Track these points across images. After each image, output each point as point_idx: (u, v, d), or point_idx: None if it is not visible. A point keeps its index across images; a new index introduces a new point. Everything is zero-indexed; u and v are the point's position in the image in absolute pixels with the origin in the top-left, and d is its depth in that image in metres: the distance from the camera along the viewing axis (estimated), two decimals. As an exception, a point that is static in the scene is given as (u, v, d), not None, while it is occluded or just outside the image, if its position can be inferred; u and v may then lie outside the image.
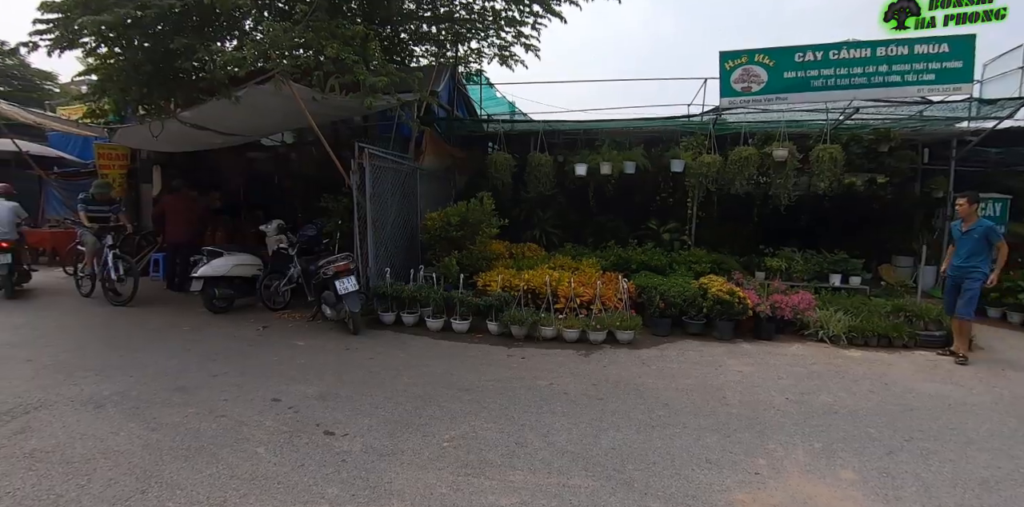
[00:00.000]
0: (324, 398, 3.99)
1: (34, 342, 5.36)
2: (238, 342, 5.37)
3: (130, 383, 4.21)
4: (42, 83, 20.42)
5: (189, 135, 7.02)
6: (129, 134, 7.48)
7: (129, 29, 6.23)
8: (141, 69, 6.67)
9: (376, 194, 6.48)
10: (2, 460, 3.04)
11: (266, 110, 6.60)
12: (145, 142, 7.77)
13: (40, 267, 9.91)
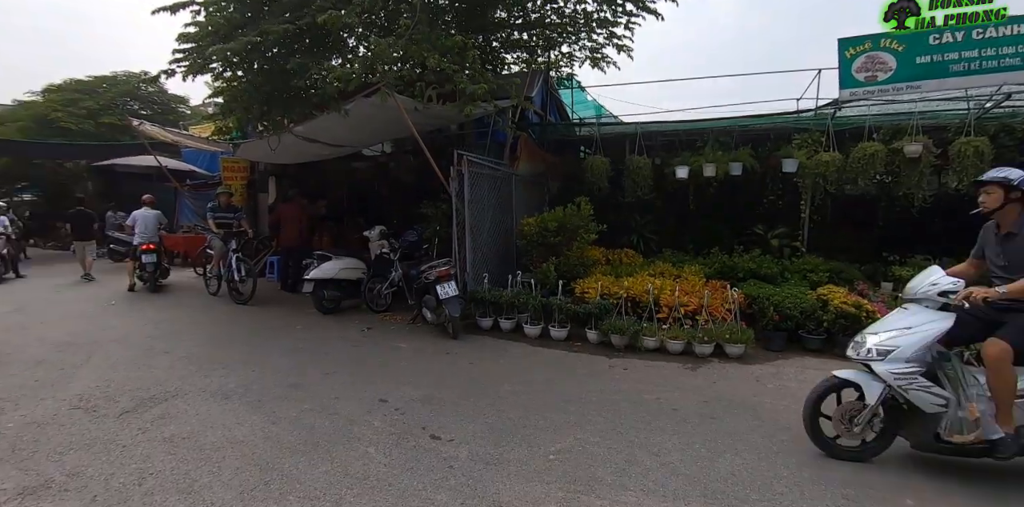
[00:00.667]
0: (428, 402, 4.02)
1: (171, 335, 5.95)
2: (345, 342, 5.63)
3: (252, 377, 4.52)
4: (176, 106, 22.97)
5: (302, 148, 7.51)
6: (250, 148, 8.17)
7: (250, 54, 6.81)
8: (261, 89, 7.27)
9: (473, 200, 6.56)
10: (146, 443, 3.34)
11: (371, 122, 6.91)
12: (264, 155, 8.45)
13: (174, 268, 11.18)
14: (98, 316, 7.00)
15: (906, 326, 3.04)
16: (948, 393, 2.89)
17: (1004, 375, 2.78)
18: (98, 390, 4.23)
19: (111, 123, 19.11)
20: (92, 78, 20.64)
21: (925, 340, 2.93)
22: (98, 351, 5.35)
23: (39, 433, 3.49)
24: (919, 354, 2.94)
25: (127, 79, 21.16)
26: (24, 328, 6.37)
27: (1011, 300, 2.85)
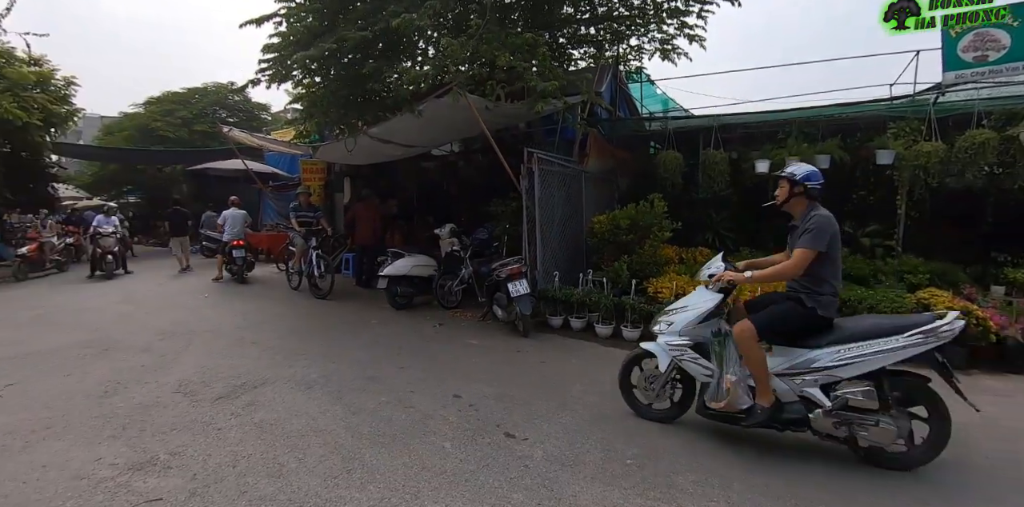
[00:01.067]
0: (501, 399, 4.02)
1: (258, 327, 6.32)
2: (418, 337, 5.75)
3: (332, 369, 4.70)
4: (259, 113, 24.52)
5: (376, 149, 7.76)
6: (328, 150, 8.55)
7: (327, 60, 7.10)
8: (338, 94, 7.58)
9: (543, 198, 6.51)
10: (238, 427, 3.53)
11: (442, 122, 7.02)
12: (340, 157, 8.81)
13: (258, 263, 11.98)
14: (194, 308, 7.57)
15: (684, 305, 3.49)
16: (713, 366, 3.29)
17: (750, 352, 3.11)
18: (196, 376, 4.55)
19: (203, 130, 20.72)
20: (186, 90, 22.43)
21: (693, 317, 3.37)
22: (195, 340, 5.77)
23: (144, 414, 3.79)
24: (690, 329, 3.38)
25: (216, 89, 22.83)
26: (131, 318, 6.99)
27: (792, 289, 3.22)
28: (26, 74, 12.58)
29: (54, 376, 4.69)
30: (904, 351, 2.85)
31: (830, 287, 3.10)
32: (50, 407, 3.95)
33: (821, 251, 3.00)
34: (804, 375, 3.06)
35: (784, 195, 3.26)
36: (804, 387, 3.07)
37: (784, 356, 3.15)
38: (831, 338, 3.04)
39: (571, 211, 7.34)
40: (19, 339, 5.99)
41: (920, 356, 2.85)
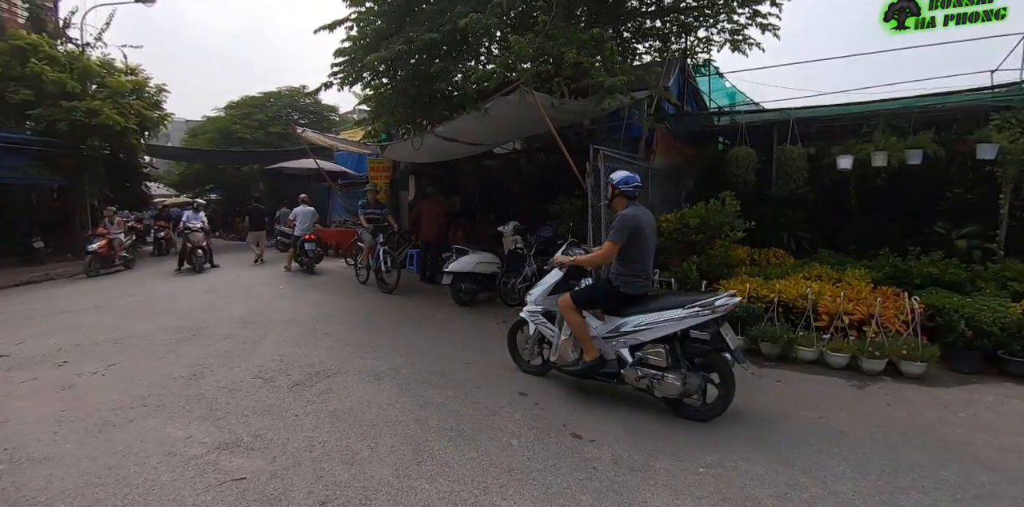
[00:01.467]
0: (567, 399, 3.98)
1: (329, 319, 6.59)
2: (482, 334, 5.80)
3: (400, 362, 4.82)
4: (328, 114, 25.66)
5: (441, 147, 7.89)
6: (395, 149, 8.79)
7: (395, 62, 7.28)
8: (406, 94, 7.76)
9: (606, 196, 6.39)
10: (314, 414, 3.68)
11: (506, 120, 7.04)
12: (407, 155, 9.04)
13: (327, 258, 12.57)
14: (270, 299, 8.00)
15: (542, 281, 4.47)
16: (555, 328, 4.13)
17: (569, 318, 3.90)
18: (273, 363, 4.79)
19: (277, 132, 21.95)
20: (262, 94, 23.80)
21: (541, 290, 4.39)
22: (272, 329, 6.09)
23: (229, 397, 4.03)
24: (542, 300, 4.34)
25: (289, 93, 24.09)
26: (214, 307, 7.47)
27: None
28: (124, 82, 13.70)
29: (149, 358, 5.08)
30: (685, 320, 3.55)
31: (633, 270, 3.77)
32: (146, 387, 4.28)
33: (622, 244, 3.70)
34: (617, 338, 3.81)
35: (609, 196, 4.07)
36: (618, 347, 3.81)
37: (608, 323, 3.90)
38: (638, 309, 3.75)
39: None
40: (118, 324, 6.54)
41: (701, 326, 3.53)
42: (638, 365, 3.67)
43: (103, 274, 10.92)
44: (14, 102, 12.26)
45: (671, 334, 3.59)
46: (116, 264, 11.67)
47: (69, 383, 4.47)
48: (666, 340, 3.61)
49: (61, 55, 13.07)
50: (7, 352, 5.48)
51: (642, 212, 3.86)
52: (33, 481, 2.91)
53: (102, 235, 11.35)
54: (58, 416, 3.77)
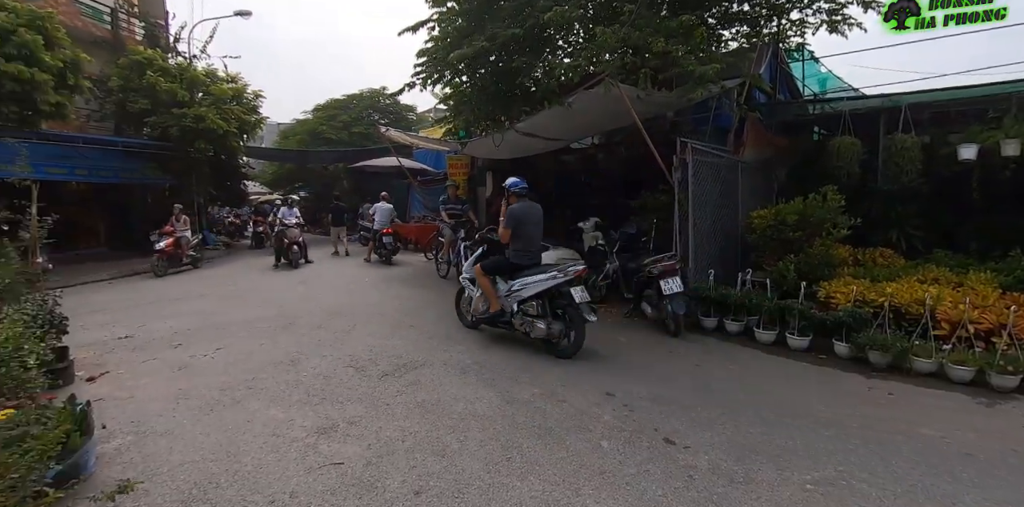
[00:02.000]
0: (656, 401, 3.82)
1: (414, 312, 6.76)
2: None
3: (485, 356, 4.85)
4: (406, 114, 26.52)
5: (521, 143, 7.87)
6: (475, 146, 8.87)
7: (476, 60, 7.32)
8: (487, 91, 7.80)
9: (696, 191, 6.11)
10: (404, 405, 3.77)
11: (590, 114, 6.89)
12: (487, 151, 9.09)
13: (407, 252, 13.01)
14: (357, 291, 8.36)
15: (473, 256, 5.71)
16: (475, 289, 5.41)
17: (480, 280, 5.24)
18: (363, 353, 4.97)
19: (360, 132, 23.03)
20: (345, 97, 25.03)
21: (469, 262, 5.67)
22: (360, 320, 6.34)
23: (325, 384, 4.22)
24: (468, 269, 5.56)
25: (370, 95, 25.18)
26: (306, 298, 7.90)
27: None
28: (225, 90, 14.84)
29: (250, 343, 5.44)
30: (547, 282, 4.81)
31: (520, 246, 5.09)
32: (249, 370, 4.57)
33: (511, 229, 5.06)
34: (510, 295, 5.02)
35: (506, 196, 5.41)
36: (511, 302, 5.00)
37: (506, 284, 5.10)
38: (522, 275, 5.01)
39: (725, 205, 6.81)
40: (221, 312, 7.07)
41: (557, 287, 4.81)
42: (520, 314, 4.96)
43: (171, 273, 10.69)
44: (134, 111, 13.64)
45: (543, 292, 4.86)
46: (184, 263, 11.40)
47: (183, 364, 4.87)
48: (540, 296, 4.89)
49: (172, 67, 14.34)
50: (132, 334, 6.07)
51: (528, 206, 5.24)
52: (157, 453, 3.17)
53: (169, 233, 11.04)
54: (175, 394, 4.11)
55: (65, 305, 4.84)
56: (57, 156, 12.38)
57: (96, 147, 13.20)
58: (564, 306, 4.78)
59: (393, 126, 20.65)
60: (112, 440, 3.36)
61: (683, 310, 5.33)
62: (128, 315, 7.07)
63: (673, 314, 5.33)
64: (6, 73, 8.70)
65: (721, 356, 4.92)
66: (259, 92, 16.33)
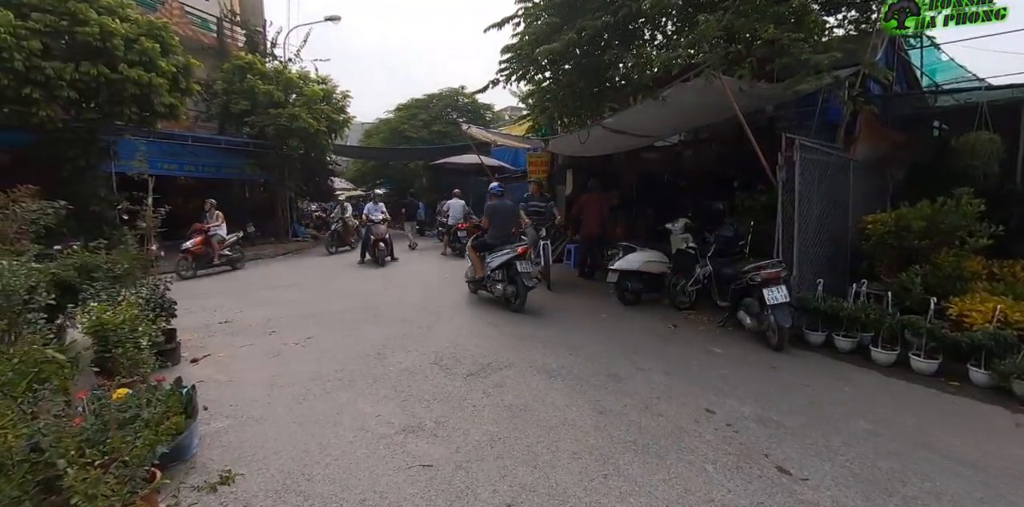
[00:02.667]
0: (763, 423, 3.46)
1: (495, 310, 6.66)
2: (653, 337, 5.41)
3: (570, 360, 4.65)
4: (484, 113, 26.76)
5: (608, 140, 7.58)
6: (559, 143, 8.65)
7: (563, 54, 7.09)
8: (574, 87, 7.56)
9: (802, 191, 5.59)
10: (491, 407, 3.65)
11: (684, 109, 6.49)
12: (571, 149, 8.86)
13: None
14: (439, 286, 8.45)
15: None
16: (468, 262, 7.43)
17: (471, 254, 7.11)
18: (447, 350, 4.93)
19: (439, 130, 23.55)
20: (426, 96, 25.65)
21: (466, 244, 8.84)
22: (442, 315, 6.36)
23: (411, 380, 4.20)
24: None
25: (449, 94, 25.66)
26: (389, 291, 8.08)
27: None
28: (316, 91, 15.60)
29: (339, 335, 5.57)
30: (505, 256, 6.44)
31: (493, 231, 6.90)
32: (338, 361, 4.66)
33: (488, 218, 6.98)
34: (488, 265, 6.63)
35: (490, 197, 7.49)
36: (488, 270, 6.64)
37: (487, 259, 6.71)
38: (493, 252, 6.62)
39: (832, 207, 6.19)
40: (312, 301, 7.35)
41: (511, 260, 6.42)
42: (490, 279, 6.67)
43: (201, 275, 9.81)
44: (235, 111, 14.70)
45: (503, 263, 6.48)
46: (216, 263, 10.21)
47: (277, 351, 5.06)
48: (501, 267, 6.53)
49: (269, 71, 15.27)
50: (230, 319, 6.43)
51: (501, 203, 7.22)
52: (252, 439, 3.26)
53: (200, 231, 10.10)
54: (270, 380, 4.24)
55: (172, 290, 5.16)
56: (170, 153, 13.54)
57: (202, 145, 14.33)
58: (514, 275, 6.37)
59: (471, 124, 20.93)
60: (213, 422, 3.50)
61: (789, 323, 4.85)
62: (226, 301, 7.51)
63: (777, 326, 4.86)
64: (128, 78, 9.54)
65: (832, 376, 4.42)
66: (347, 93, 17.05)
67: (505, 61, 8.16)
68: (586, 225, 8.62)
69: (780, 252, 5.58)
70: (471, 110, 26.08)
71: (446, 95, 25.68)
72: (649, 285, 6.73)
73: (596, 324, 5.97)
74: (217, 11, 16.56)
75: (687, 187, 10.29)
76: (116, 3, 9.95)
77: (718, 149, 9.50)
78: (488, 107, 27.35)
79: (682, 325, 5.89)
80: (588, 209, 8.57)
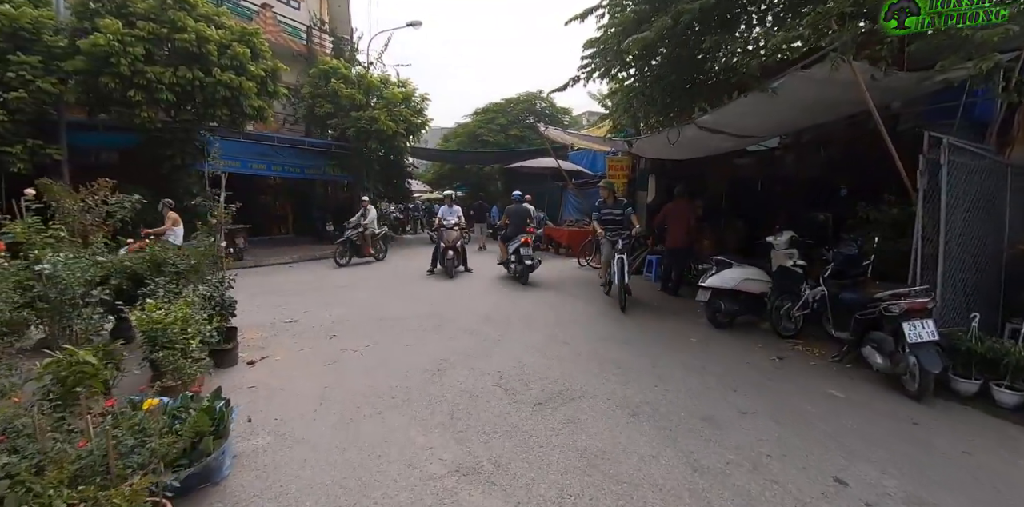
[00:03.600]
0: (917, 505, 2.62)
1: (567, 325, 6.07)
2: (754, 371, 4.54)
3: (656, 394, 3.95)
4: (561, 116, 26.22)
5: (701, 141, 6.79)
6: (646, 144, 7.90)
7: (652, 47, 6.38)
8: (664, 81, 6.82)
9: (949, 202, 4.58)
10: (561, 449, 3.07)
11: (794, 104, 5.58)
12: (658, 150, 8.10)
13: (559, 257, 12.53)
14: (508, 294, 7.99)
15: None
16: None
17: (500, 244, 9.98)
18: (513, 371, 4.40)
19: (516, 134, 23.33)
20: (504, 100, 25.56)
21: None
22: (511, 328, 5.86)
23: (471, 404, 3.71)
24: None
25: (527, 98, 25.44)
26: (458, 297, 7.71)
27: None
28: (396, 94, 15.77)
29: (400, 343, 5.22)
30: (514, 245, 9.00)
31: (511, 228, 9.28)
32: (395, 376, 4.27)
33: (507, 217, 9.57)
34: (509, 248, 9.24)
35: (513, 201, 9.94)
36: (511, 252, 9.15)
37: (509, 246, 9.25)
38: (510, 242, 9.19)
39: (982, 222, 5.06)
40: (379, 303, 7.12)
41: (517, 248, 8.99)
42: (512, 261, 9.00)
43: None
44: (319, 114, 15.15)
45: (514, 250, 8.89)
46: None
47: (335, 358, 4.76)
48: (513, 253, 8.92)
49: (352, 75, 15.62)
50: (296, 319, 6.29)
51: (516, 207, 9.49)
52: (289, 464, 2.90)
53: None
54: (321, 392, 3.92)
55: (249, 284, 5.00)
56: (259, 153, 14.13)
57: (288, 146, 14.87)
58: (521, 257, 8.72)
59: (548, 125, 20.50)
60: (254, 437, 3.21)
61: (937, 367, 3.80)
62: (297, 299, 7.46)
63: (919, 370, 3.82)
64: (220, 81, 9.91)
65: (997, 440, 3.38)
66: (425, 95, 17.12)
67: (587, 56, 7.58)
68: (671, 235, 7.79)
69: (918, 276, 4.57)
70: (549, 114, 25.75)
71: (524, 99, 25.49)
72: (745, 306, 5.81)
73: (685, 350, 5.15)
74: (307, 19, 17.24)
75: (785, 195, 9.19)
76: (212, 11, 10.43)
77: (829, 152, 8.36)
78: (566, 111, 26.90)
79: (788, 358, 4.96)
80: (674, 218, 7.73)
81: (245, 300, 7.34)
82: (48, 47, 9.30)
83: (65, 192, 4.52)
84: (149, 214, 7.56)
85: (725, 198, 10.65)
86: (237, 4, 14.37)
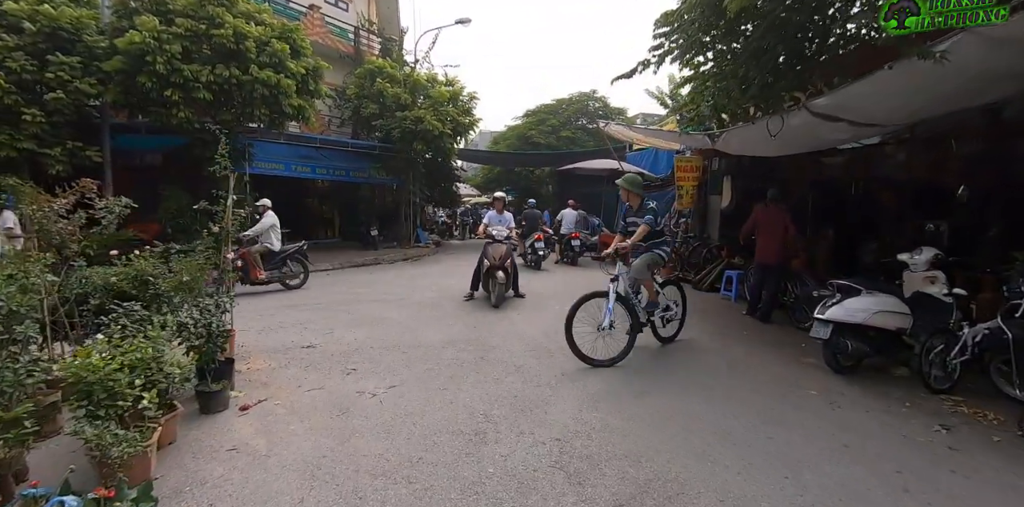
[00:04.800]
0: None
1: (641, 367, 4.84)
2: (917, 451, 3.16)
3: (792, 494, 2.68)
4: (615, 117, 24.90)
5: (810, 131, 5.45)
6: (734, 137, 6.54)
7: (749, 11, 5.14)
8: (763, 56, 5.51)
9: None
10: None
11: (959, 73, 4.14)
12: (752, 145, 6.73)
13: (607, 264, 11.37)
14: (560, 311, 6.43)
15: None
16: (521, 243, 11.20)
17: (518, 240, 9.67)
18: (579, 440, 3.24)
19: (568, 136, 22.29)
20: (555, 102, 24.61)
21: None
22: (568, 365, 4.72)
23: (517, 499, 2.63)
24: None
25: (579, 98, 24.39)
26: (506, 318, 6.62)
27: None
28: (443, 93, 15.04)
29: (429, 386, 4.19)
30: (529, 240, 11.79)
31: (527, 228, 12.10)
32: (418, 439, 3.24)
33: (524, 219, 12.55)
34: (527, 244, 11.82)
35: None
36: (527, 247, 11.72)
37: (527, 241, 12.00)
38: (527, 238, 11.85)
39: None
40: (410, 327, 6.14)
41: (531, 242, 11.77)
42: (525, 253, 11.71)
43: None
44: (365, 115, 14.59)
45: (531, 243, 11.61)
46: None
47: (346, 405, 3.80)
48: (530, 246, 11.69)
49: (399, 74, 14.99)
50: (316, 343, 5.41)
51: (531, 212, 12.84)
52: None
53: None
54: (317, 463, 2.94)
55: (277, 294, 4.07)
56: (303, 157, 13.65)
57: (332, 148, 14.36)
58: (535, 249, 11.22)
59: (608, 121, 19.27)
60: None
61: None
62: (324, 315, 6.65)
63: None
64: (258, 79, 9.34)
65: None
66: (473, 94, 16.31)
67: (661, 35, 6.37)
68: (762, 248, 6.43)
69: None
70: (603, 115, 24.50)
71: (576, 100, 24.46)
72: (876, 346, 4.37)
73: (806, 408, 3.79)
74: (355, 21, 16.79)
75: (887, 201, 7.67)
76: (254, 9, 9.94)
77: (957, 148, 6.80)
78: (620, 111, 25.59)
79: (955, 427, 3.49)
80: (766, 227, 6.39)
81: (267, 316, 6.63)
82: (89, 47, 9.03)
83: (34, 195, 3.78)
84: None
85: (811, 204, 9.13)
86: (285, 6, 14.01)
